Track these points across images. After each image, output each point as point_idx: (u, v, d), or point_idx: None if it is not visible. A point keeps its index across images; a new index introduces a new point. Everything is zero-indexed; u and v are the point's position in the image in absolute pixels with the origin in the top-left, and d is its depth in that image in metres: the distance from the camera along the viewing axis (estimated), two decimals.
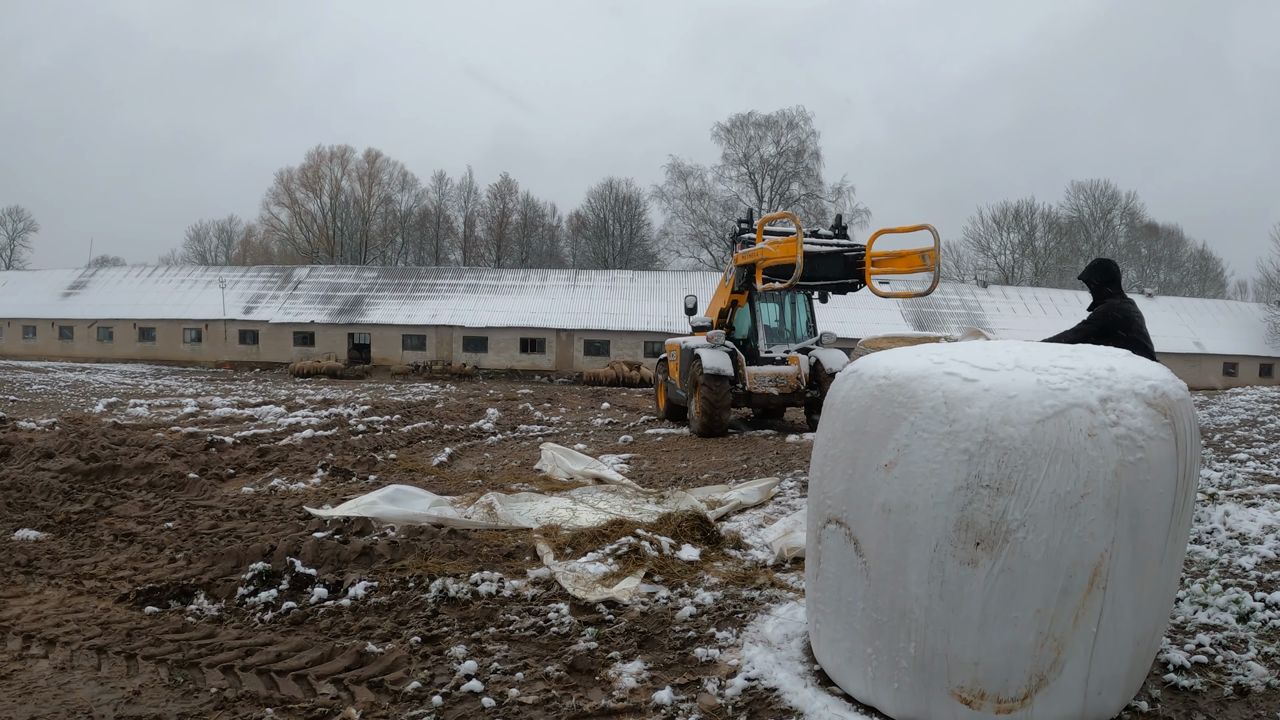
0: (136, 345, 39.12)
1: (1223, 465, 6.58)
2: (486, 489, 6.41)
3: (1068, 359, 2.60)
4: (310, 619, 3.67)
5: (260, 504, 5.98)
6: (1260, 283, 51.10)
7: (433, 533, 5.01)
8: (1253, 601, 3.61)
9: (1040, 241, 58.10)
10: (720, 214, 52.47)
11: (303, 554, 4.36)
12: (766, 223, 11.33)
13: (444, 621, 3.59)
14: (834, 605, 2.79)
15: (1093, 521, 2.34)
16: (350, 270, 43.68)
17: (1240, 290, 57.45)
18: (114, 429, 9.92)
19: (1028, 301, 40.81)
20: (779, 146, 52.91)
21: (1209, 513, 4.99)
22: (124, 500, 6.12)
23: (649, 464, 8.73)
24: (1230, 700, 2.82)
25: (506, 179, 61.52)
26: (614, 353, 36.14)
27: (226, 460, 7.86)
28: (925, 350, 2.81)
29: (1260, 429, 9.77)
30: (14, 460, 7.45)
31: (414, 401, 16.86)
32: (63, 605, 3.79)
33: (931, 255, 9.32)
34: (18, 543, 4.85)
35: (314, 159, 58.17)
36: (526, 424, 13.20)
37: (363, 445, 9.48)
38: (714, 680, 2.99)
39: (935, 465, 2.45)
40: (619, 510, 5.75)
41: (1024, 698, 2.45)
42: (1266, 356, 38.69)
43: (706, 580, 4.17)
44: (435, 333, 37.15)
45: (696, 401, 11.12)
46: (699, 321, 12.50)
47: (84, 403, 15.90)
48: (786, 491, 6.60)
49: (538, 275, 41.76)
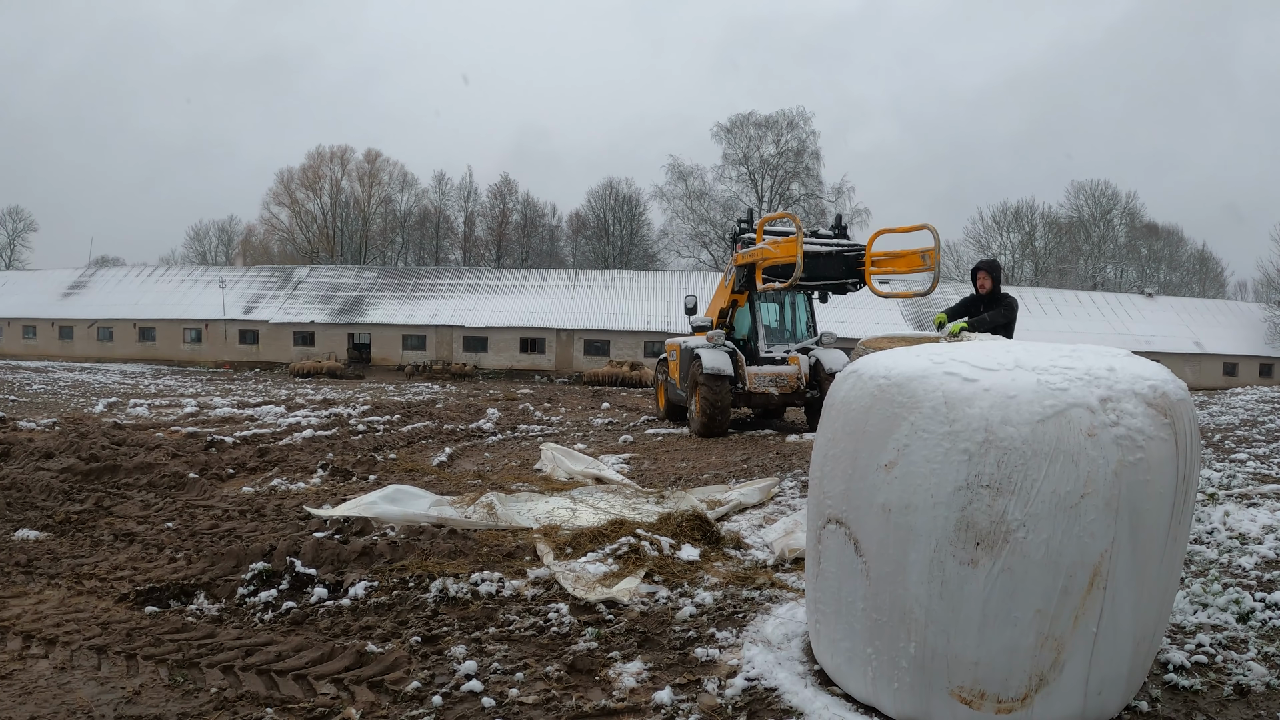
0: (136, 345, 39.14)
1: (1223, 465, 6.58)
2: (486, 489, 6.41)
3: (1067, 359, 2.60)
4: (310, 619, 3.66)
5: (260, 504, 5.98)
6: (1260, 283, 51.18)
7: (433, 533, 5.01)
8: (1253, 601, 3.61)
9: (1040, 241, 58.11)
10: (720, 214, 52.53)
11: (303, 554, 4.36)
12: (766, 223, 11.33)
13: (444, 621, 3.59)
14: (834, 605, 2.79)
15: (1093, 521, 2.34)
16: (350, 270, 43.70)
17: (1240, 290, 57.55)
18: (114, 429, 9.91)
19: (1027, 301, 40.70)
20: (779, 146, 52.97)
21: (1209, 513, 4.99)
22: (124, 500, 6.12)
23: (649, 464, 8.73)
24: (1230, 700, 2.82)
25: (506, 179, 61.64)
26: (614, 353, 36.14)
27: (226, 460, 7.86)
28: (925, 350, 2.81)
29: (1260, 429, 9.77)
30: (14, 460, 7.45)
31: (414, 401, 16.86)
32: (63, 605, 3.79)
33: (931, 255, 9.31)
34: (18, 543, 4.85)
35: (314, 159, 58.26)
36: (526, 424, 13.20)
37: (363, 445, 9.48)
38: (714, 680, 2.99)
39: (935, 465, 2.45)
40: (619, 510, 5.75)
41: (1024, 698, 2.45)
42: (1266, 356, 38.69)
43: (706, 580, 4.17)
44: (435, 333, 37.16)
45: (696, 401, 11.12)
46: (699, 321, 12.50)
47: (84, 403, 15.91)
48: (786, 491, 6.60)
49: (538, 275, 41.77)
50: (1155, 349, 33.96)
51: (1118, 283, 54.97)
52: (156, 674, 3.07)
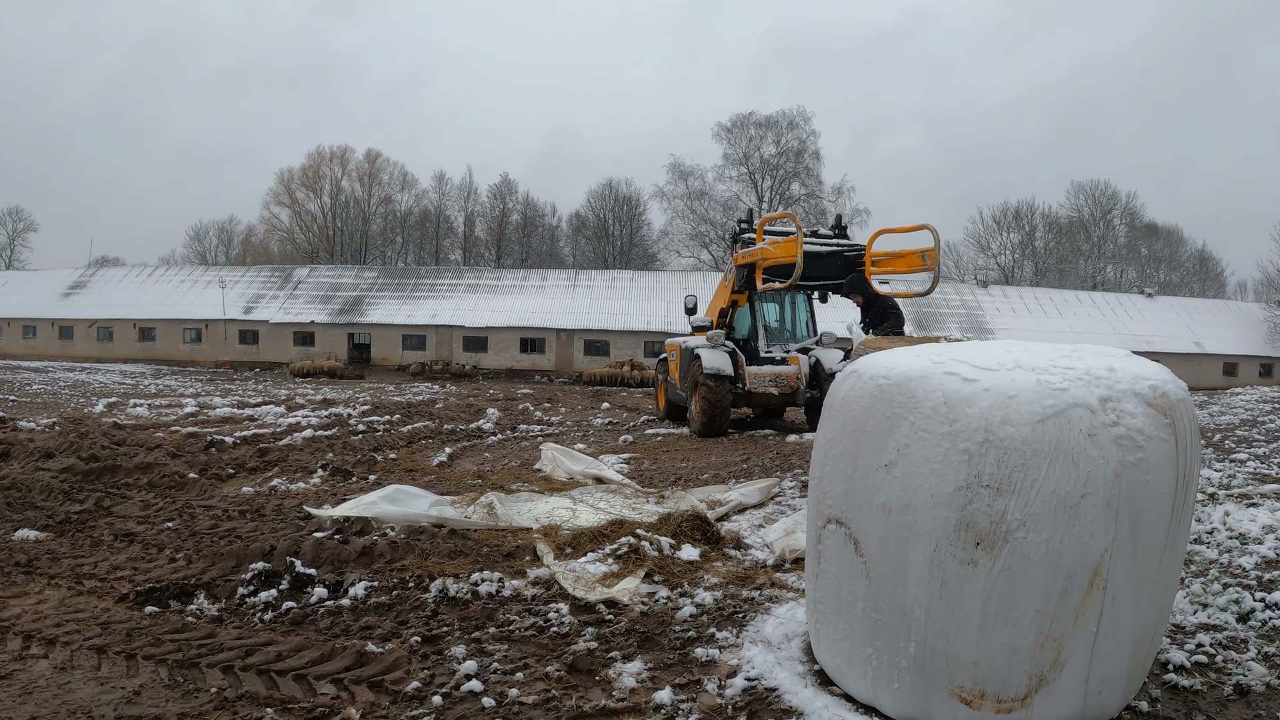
0: (136, 345, 39.13)
1: (1223, 465, 6.59)
2: (486, 489, 6.41)
3: (1067, 359, 2.60)
4: (310, 619, 3.66)
5: (260, 504, 5.98)
6: (1260, 283, 51.17)
7: (433, 533, 5.01)
8: (1253, 601, 3.61)
9: (1040, 241, 58.11)
10: (720, 214, 52.52)
11: (303, 554, 4.36)
12: (766, 223, 11.33)
13: (444, 621, 3.59)
14: (834, 605, 2.79)
15: (1093, 521, 2.34)
16: (350, 270, 43.69)
17: (1240, 290, 57.53)
18: (114, 429, 9.91)
19: (1028, 301, 40.81)
20: (779, 146, 52.96)
21: (1209, 513, 4.99)
22: (124, 500, 6.12)
23: (649, 464, 8.73)
24: (1230, 700, 2.82)
25: (506, 179, 61.53)
26: (614, 353, 36.13)
27: (226, 460, 7.86)
28: (925, 350, 2.81)
29: (1260, 429, 9.77)
30: (14, 460, 7.45)
31: (414, 401, 16.85)
32: (63, 605, 3.79)
33: (931, 255, 9.31)
34: (18, 543, 4.85)
35: (314, 159, 58.26)
36: (526, 424, 13.20)
37: (363, 445, 9.48)
38: (714, 680, 2.99)
39: (935, 465, 2.45)
40: (619, 510, 5.75)
41: (1024, 698, 2.45)
42: (1266, 356, 38.68)
43: (706, 580, 4.17)
44: (435, 333, 37.15)
45: (696, 401, 11.12)
46: (699, 321, 12.50)
47: (84, 403, 15.90)
48: (786, 491, 6.60)
49: (538, 275, 41.76)
50: (1155, 349, 33.94)
51: (1118, 283, 54.98)
52: (156, 674, 3.07)
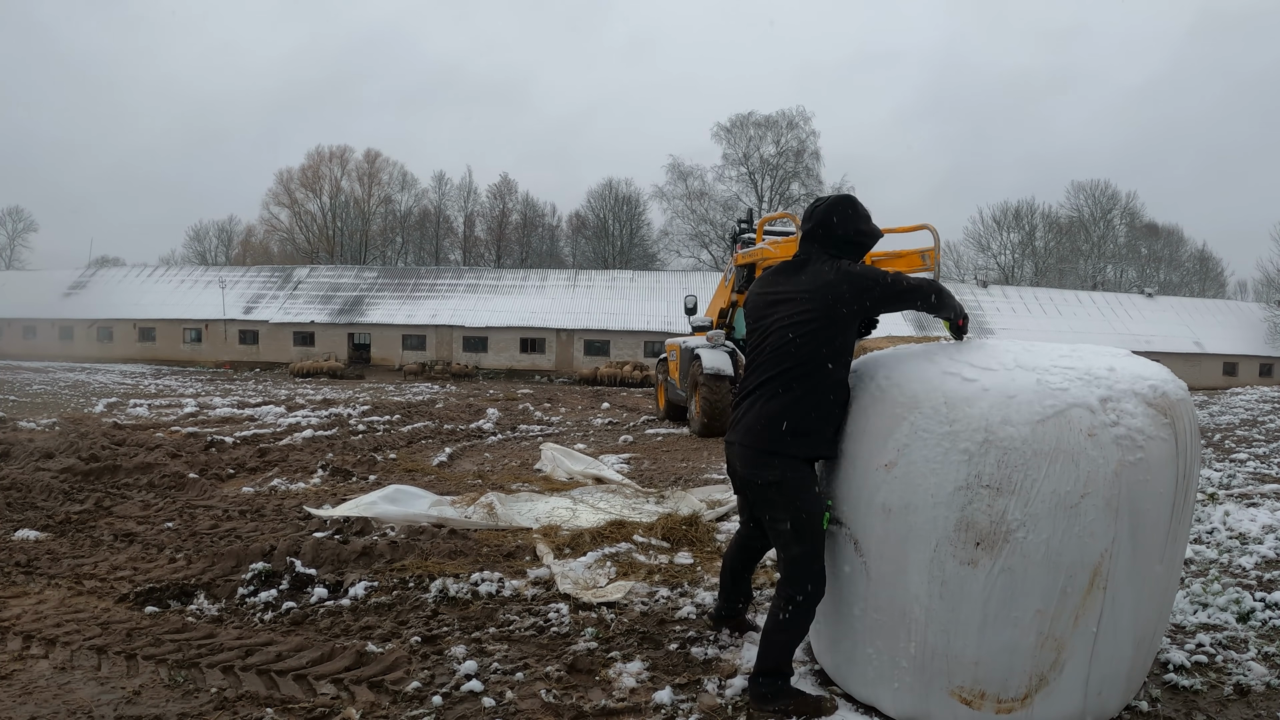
0: (136, 345, 39.12)
1: (1223, 465, 6.59)
2: (486, 489, 6.40)
3: (1067, 359, 2.60)
4: (310, 619, 3.66)
5: (260, 504, 5.98)
6: (1260, 283, 51.19)
7: (433, 533, 5.01)
8: (1253, 601, 3.61)
9: (1040, 241, 58.10)
10: (720, 214, 52.53)
11: (303, 554, 4.36)
12: (766, 223, 11.34)
13: (444, 621, 3.59)
14: (834, 605, 2.79)
15: (1093, 521, 2.34)
16: (350, 270, 43.68)
17: (1240, 290, 57.54)
18: (114, 429, 9.91)
19: (1028, 301, 40.81)
20: (779, 146, 52.98)
21: (1209, 513, 4.99)
22: (124, 500, 6.12)
23: (649, 464, 8.73)
24: (1230, 700, 2.82)
25: (506, 179, 61.57)
26: (614, 353, 36.14)
27: (226, 460, 7.86)
28: (925, 350, 2.82)
29: (1260, 429, 9.78)
30: (14, 460, 7.44)
31: (414, 401, 16.85)
32: (63, 605, 3.79)
33: (931, 255, 9.31)
34: (18, 543, 4.85)
35: (313, 159, 58.23)
36: (526, 424, 13.19)
37: (363, 445, 9.48)
38: (714, 680, 2.99)
39: (935, 465, 2.45)
40: (619, 510, 5.75)
41: (1024, 698, 2.45)
42: (1266, 356, 38.68)
43: (706, 580, 4.17)
44: (435, 333, 37.15)
45: (696, 401, 11.12)
46: (699, 321, 12.50)
47: (84, 403, 15.90)
48: None
49: (538, 275, 41.76)
50: (1155, 349, 33.92)
51: (1118, 283, 54.96)
52: (156, 674, 3.07)
